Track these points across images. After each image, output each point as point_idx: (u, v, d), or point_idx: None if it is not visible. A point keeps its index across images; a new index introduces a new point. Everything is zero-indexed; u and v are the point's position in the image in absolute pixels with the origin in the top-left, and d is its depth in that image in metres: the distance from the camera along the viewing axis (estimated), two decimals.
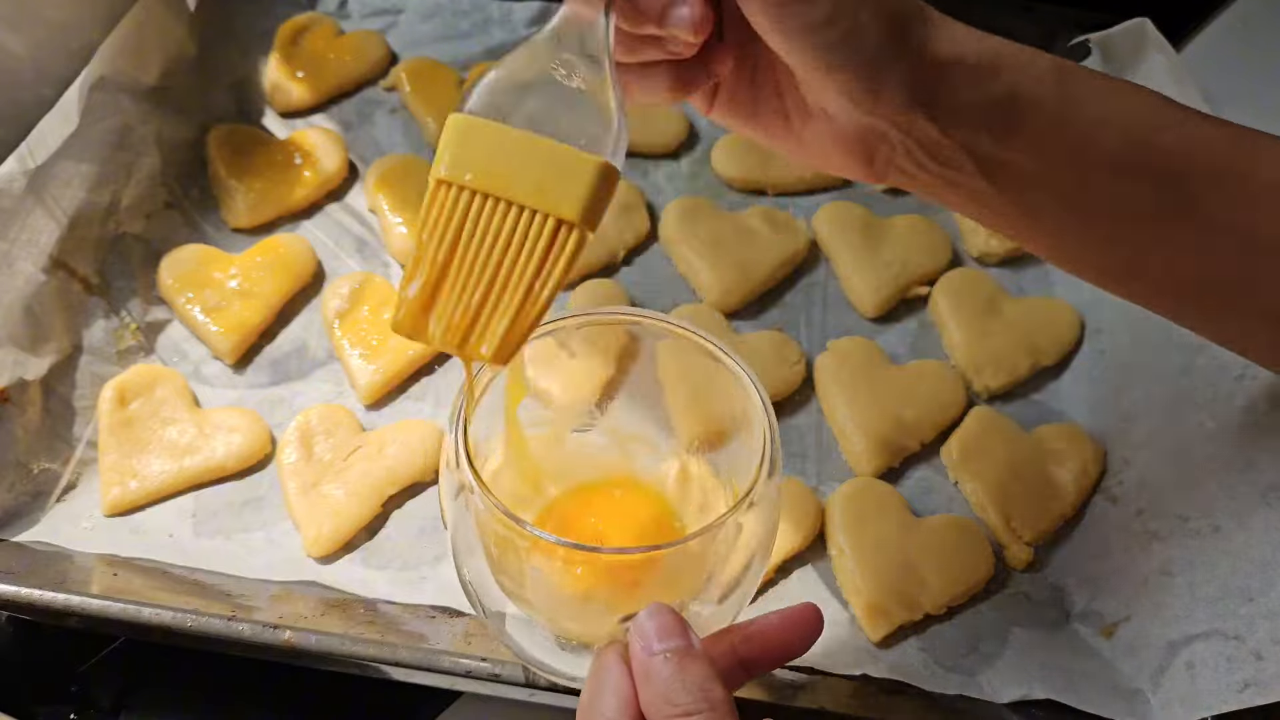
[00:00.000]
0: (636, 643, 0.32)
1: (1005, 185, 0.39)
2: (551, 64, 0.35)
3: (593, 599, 0.38)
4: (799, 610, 0.36)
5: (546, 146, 0.33)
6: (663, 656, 0.31)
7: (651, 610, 0.32)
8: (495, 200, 0.33)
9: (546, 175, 0.33)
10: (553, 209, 0.33)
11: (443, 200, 0.34)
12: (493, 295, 0.34)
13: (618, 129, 0.34)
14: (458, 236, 0.34)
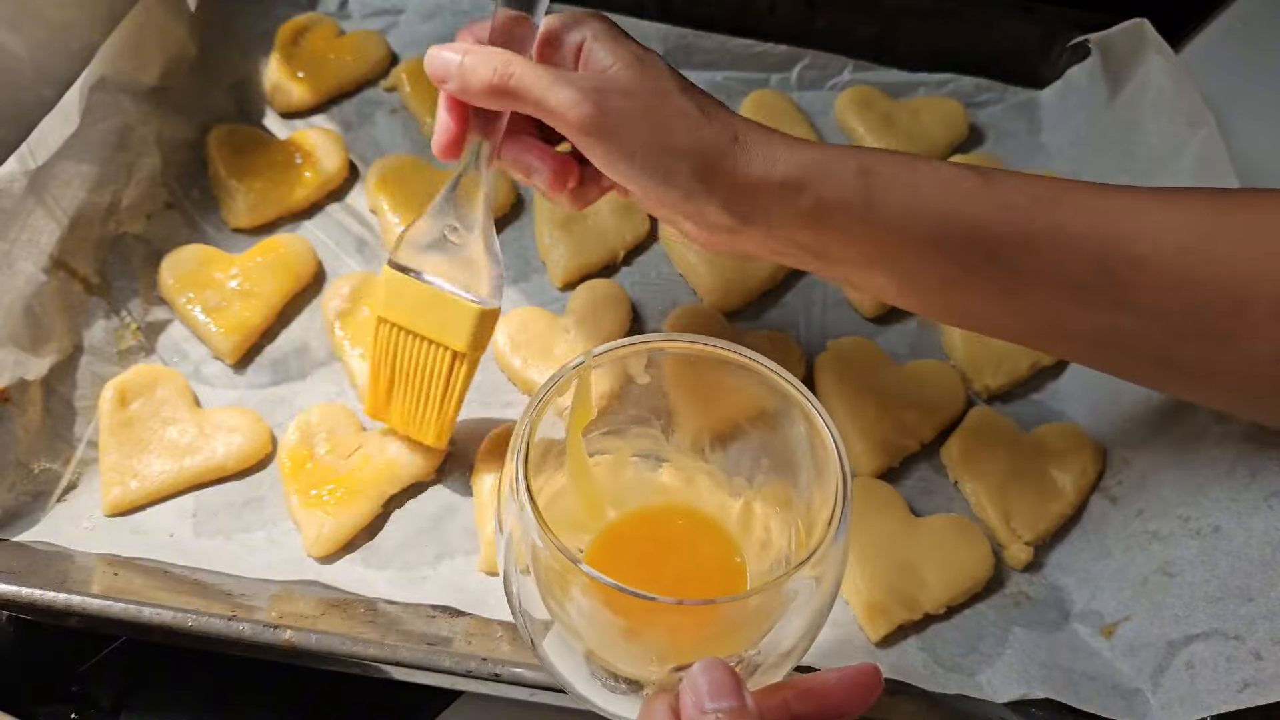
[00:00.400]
0: (689, 699, 0.31)
1: (838, 270, 0.46)
2: (444, 228, 0.48)
3: (644, 641, 0.37)
4: (859, 671, 0.35)
5: (441, 297, 0.48)
6: (715, 716, 0.30)
7: (705, 665, 0.31)
8: (414, 335, 0.49)
9: (444, 320, 0.48)
10: (448, 344, 0.48)
11: (384, 332, 0.50)
12: (422, 399, 0.51)
13: (491, 277, 0.48)
14: (395, 358, 0.50)
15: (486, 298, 0.48)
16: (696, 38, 0.75)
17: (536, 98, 0.41)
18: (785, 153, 0.42)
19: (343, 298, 0.60)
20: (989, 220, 0.42)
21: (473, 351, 0.48)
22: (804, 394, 0.38)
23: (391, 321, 0.49)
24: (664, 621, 0.36)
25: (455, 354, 0.48)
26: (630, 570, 0.38)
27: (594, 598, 0.35)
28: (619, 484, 0.45)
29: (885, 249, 0.43)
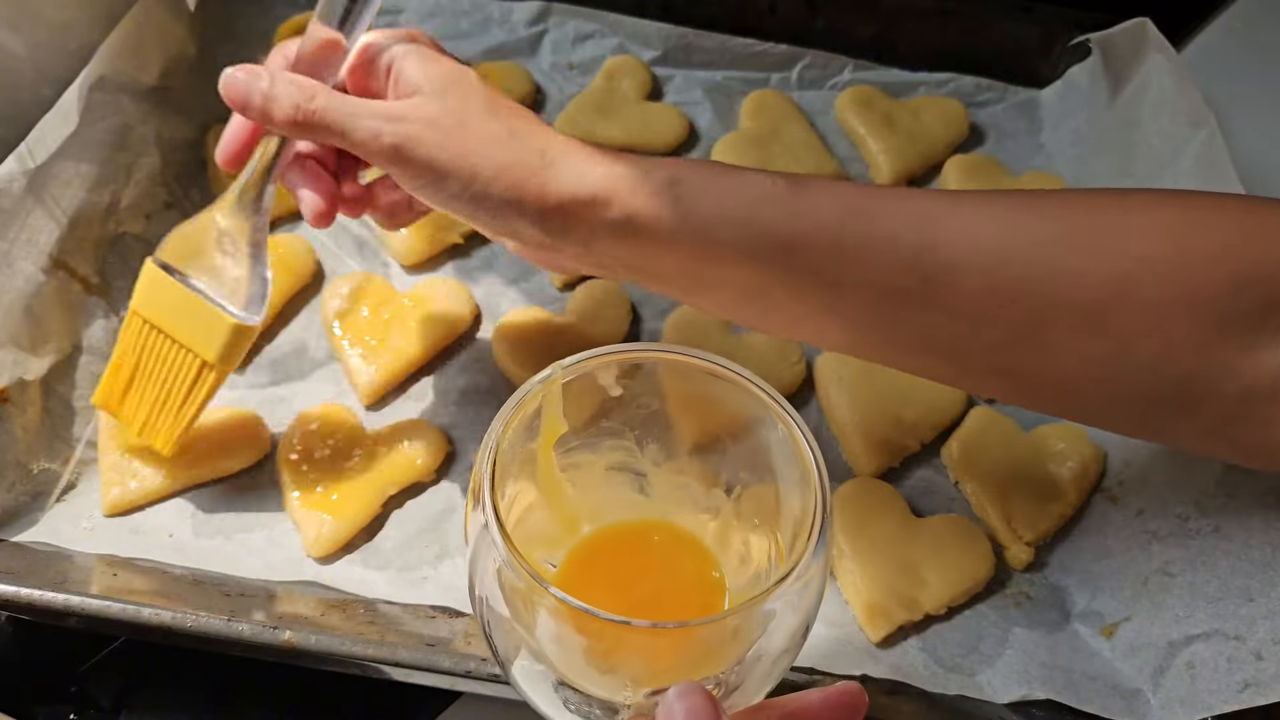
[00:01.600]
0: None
1: (666, 287, 0.45)
2: (216, 233, 0.48)
3: (617, 665, 0.35)
4: (842, 690, 0.33)
5: (201, 306, 0.47)
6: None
7: (682, 691, 0.30)
8: (165, 335, 0.48)
9: (198, 327, 0.47)
10: (199, 352, 0.48)
11: (136, 326, 0.49)
12: (159, 402, 0.50)
13: (253, 292, 0.48)
14: (141, 354, 0.49)
15: (245, 313, 0.47)
16: (696, 38, 0.75)
17: (339, 131, 0.42)
18: (594, 167, 0.42)
19: (342, 298, 0.60)
20: (796, 227, 0.41)
21: (222, 364, 0.48)
22: (781, 405, 0.38)
23: (144, 318, 0.49)
24: (638, 644, 0.34)
25: (204, 364, 0.48)
26: (603, 589, 0.38)
27: (563, 621, 0.34)
28: (594, 498, 0.43)
29: (699, 262, 0.42)
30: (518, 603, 0.35)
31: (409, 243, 0.63)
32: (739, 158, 0.70)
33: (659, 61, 0.75)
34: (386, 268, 0.64)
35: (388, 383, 0.58)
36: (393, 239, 0.63)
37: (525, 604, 0.35)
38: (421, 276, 0.63)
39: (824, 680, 0.49)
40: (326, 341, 0.60)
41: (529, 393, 0.36)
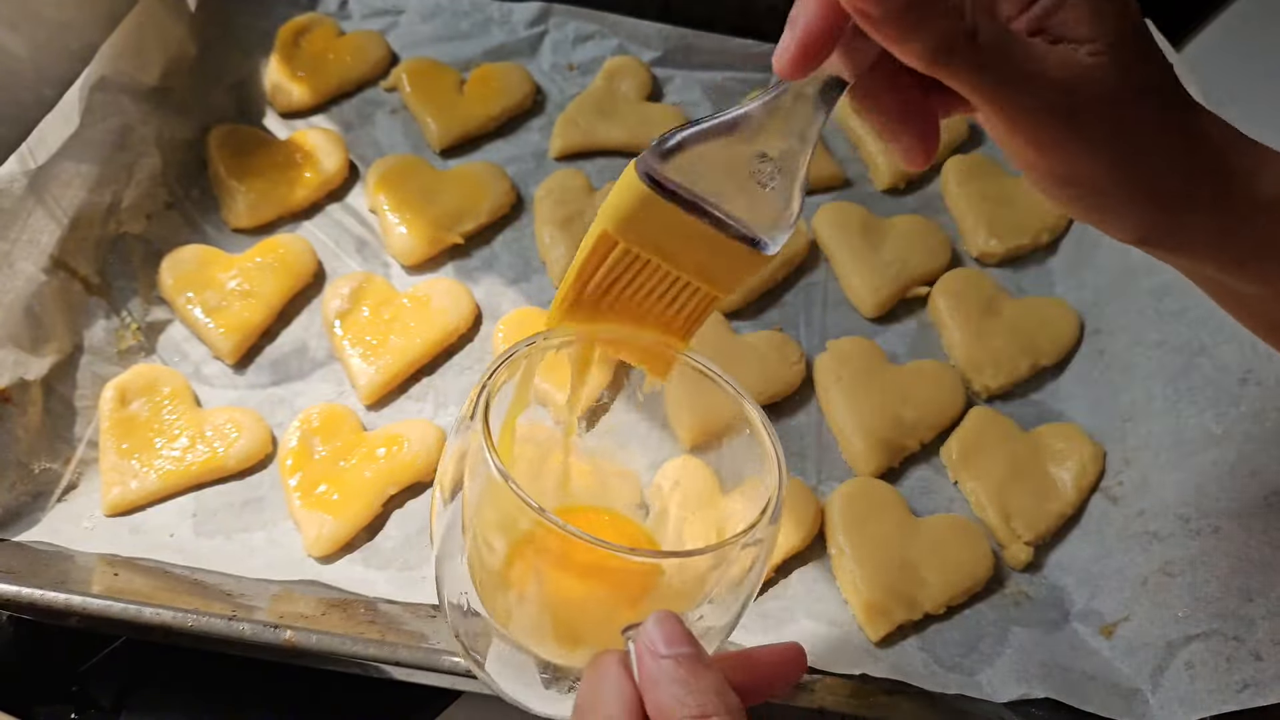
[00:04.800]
0: (644, 646, 0.31)
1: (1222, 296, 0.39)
2: (750, 156, 0.36)
3: (587, 609, 0.37)
4: (786, 648, 0.35)
5: (718, 240, 0.36)
6: (673, 660, 0.30)
7: (659, 617, 0.31)
8: (652, 263, 0.37)
9: (712, 261, 0.36)
10: (710, 287, 0.38)
11: (604, 251, 0.37)
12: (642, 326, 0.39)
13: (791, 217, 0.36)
14: (617, 284, 0.38)
15: (770, 243, 0.37)
16: (696, 38, 0.75)
17: (993, 86, 0.30)
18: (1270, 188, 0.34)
19: (343, 298, 0.60)
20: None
21: (729, 294, 0.39)
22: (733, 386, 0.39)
23: (628, 247, 0.37)
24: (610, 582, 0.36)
25: (708, 297, 0.38)
26: None
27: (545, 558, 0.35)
28: (539, 483, 0.45)
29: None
30: (491, 585, 0.37)
31: (409, 243, 0.63)
32: None
33: (659, 62, 0.75)
34: (387, 268, 0.64)
35: (388, 383, 0.58)
36: (393, 240, 0.63)
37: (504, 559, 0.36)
38: (421, 276, 0.64)
39: (824, 680, 0.49)
40: (327, 341, 0.60)
41: (514, 354, 0.37)
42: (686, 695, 0.29)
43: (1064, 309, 0.64)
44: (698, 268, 0.37)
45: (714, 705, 0.29)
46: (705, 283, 0.37)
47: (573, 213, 0.65)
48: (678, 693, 0.29)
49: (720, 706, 0.29)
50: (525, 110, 0.72)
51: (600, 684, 0.31)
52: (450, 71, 0.72)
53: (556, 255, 0.64)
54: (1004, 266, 0.68)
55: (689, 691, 0.29)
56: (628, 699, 0.30)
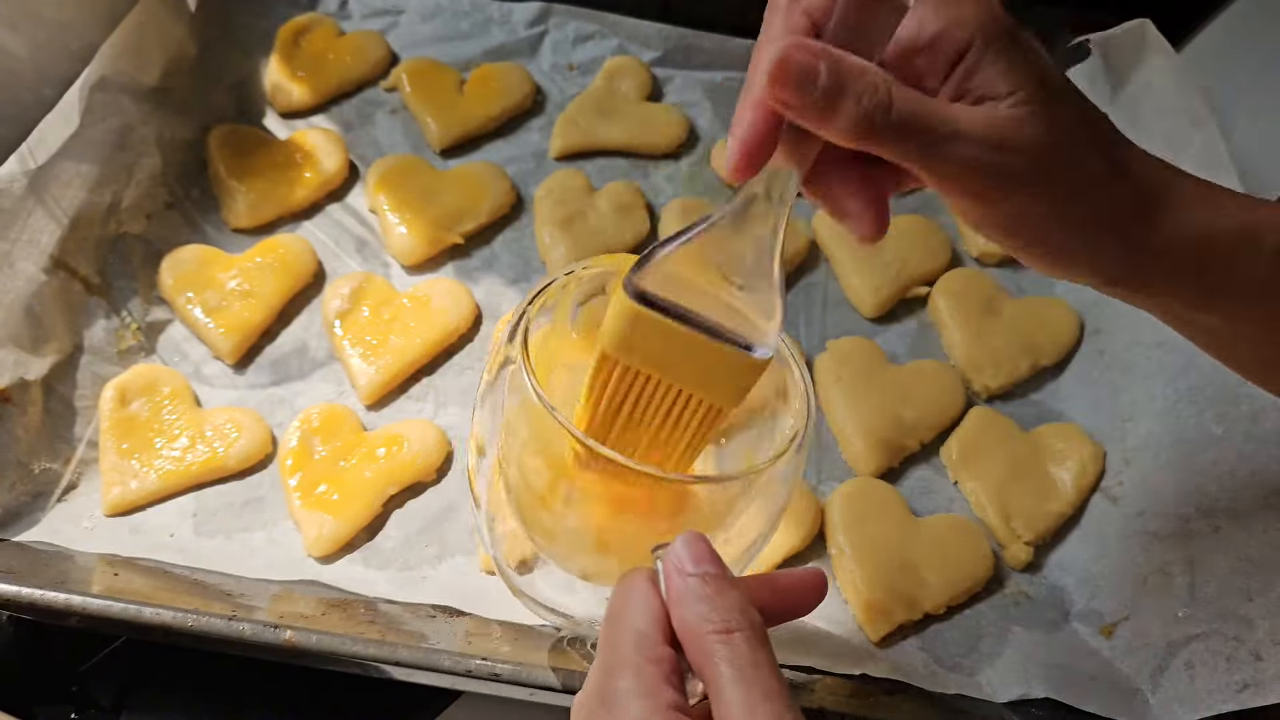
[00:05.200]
0: (672, 564, 0.32)
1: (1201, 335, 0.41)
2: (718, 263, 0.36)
3: (623, 529, 0.38)
4: (809, 572, 0.36)
5: (712, 348, 0.36)
6: (700, 578, 0.31)
7: (687, 537, 0.32)
8: (657, 381, 0.37)
9: (707, 370, 0.37)
10: (710, 399, 0.38)
11: (608, 371, 0.37)
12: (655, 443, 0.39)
13: (776, 325, 0.37)
14: (624, 398, 0.38)
15: (762, 346, 0.37)
16: (696, 38, 0.75)
17: (920, 152, 0.32)
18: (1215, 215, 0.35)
19: (343, 298, 0.60)
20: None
21: (736, 405, 0.39)
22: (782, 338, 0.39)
23: (628, 366, 0.37)
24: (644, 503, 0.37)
25: (712, 410, 0.38)
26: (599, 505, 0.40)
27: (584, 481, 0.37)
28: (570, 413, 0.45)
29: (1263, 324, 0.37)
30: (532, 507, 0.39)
31: (409, 243, 0.63)
32: None
33: (659, 62, 0.75)
34: (387, 268, 0.64)
35: (388, 383, 0.58)
36: (393, 240, 0.63)
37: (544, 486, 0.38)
38: (421, 276, 0.64)
39: (824, 680, 0.49)
40: (327, 341, 0.60)
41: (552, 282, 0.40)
42: (711, 611, 0.30)
43: (1064, 309, 0.64)
44: (697, 379, 0.37)
45: (737, 621, 0.30)
46: (707, 394, 0.38)
47: (573, 213, 0.65)
48: (702, 609, 0.30)
49: (743, 622, 0.30)
50: (525, 110, 0.72)
51: (629, 597, 0.32)
52: (450, 71, 0.72)
53: (556, 255, 0.64)
54: (1004, 266, 0.68)
55: (713, 608, 0.30)
56: (655, 612, 0.31)
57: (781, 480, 0.39)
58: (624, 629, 0.31)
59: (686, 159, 0.71)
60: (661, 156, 0.71)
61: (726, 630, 0.29)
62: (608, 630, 0.32)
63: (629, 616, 0.31)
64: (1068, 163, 0.33)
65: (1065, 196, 0.33)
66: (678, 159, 0.71)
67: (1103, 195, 0.34)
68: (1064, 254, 0.35)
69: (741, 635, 0.29)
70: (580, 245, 0.64)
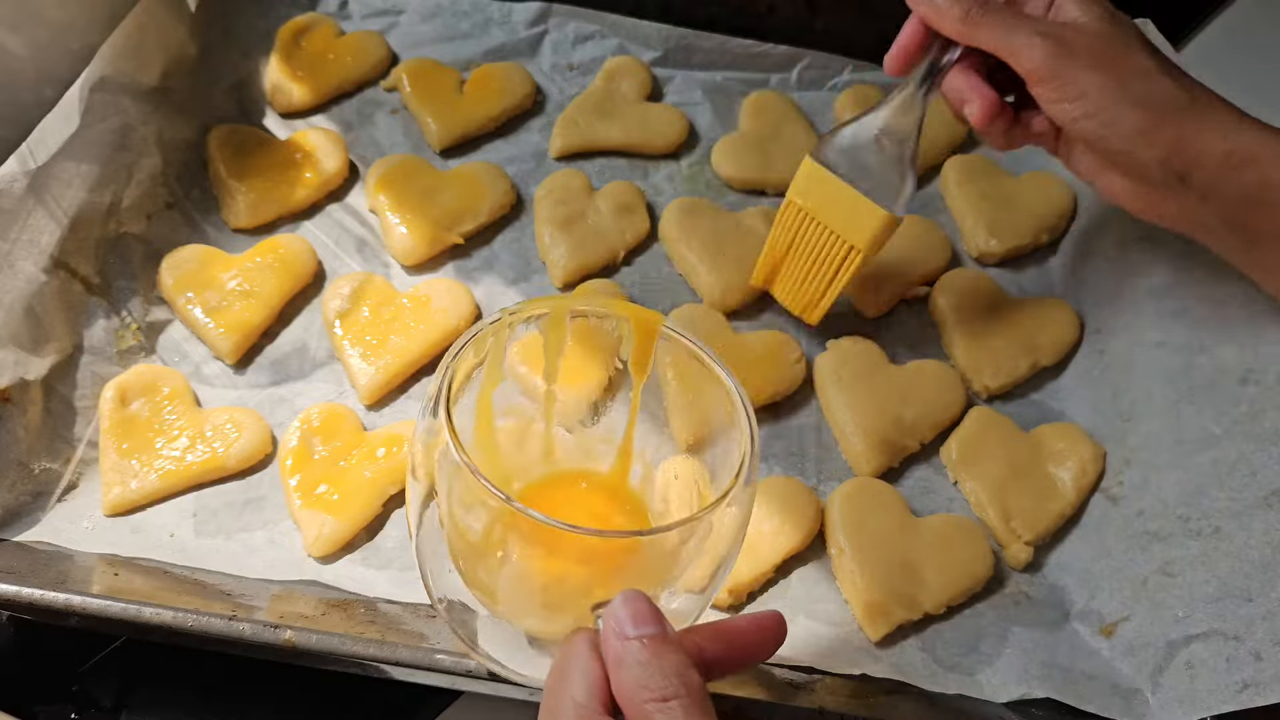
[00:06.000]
0: (610, 627, 0.32)
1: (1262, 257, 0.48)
2: (874, 135, 0.53)
3: (563, 587, 0.38)
4: (766, 616, 0.36)
5: (855, 197, 0.53)
6: (639, 642, 0.31)
7: (626, 596, 0.32)
8: (818, 222, 0.56)
9: (851, 216, 0.54)
10: (849, 239, 0.55)
11: (791, 213, 0.56)
12: (809, 279, 0.58)
13: (907, 190, 0.53)
14: (794, 237, 0.57)
15: (895, 207, 0.53)
16: (696, 38, 0.75)
17: (999, 36, 0.46)
18: (1238, 125, 0.44)
19: (343, 298, 0.60)
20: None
21: (870, 250, 0.54)
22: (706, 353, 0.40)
23: (800, 206, 0.55)
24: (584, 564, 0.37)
25: (852, 249, 0.55)
26: None
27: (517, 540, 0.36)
28: (523, 454, 0.46)
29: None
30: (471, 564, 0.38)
31: (409, 243, 0.63)
32: (739, 158, 0.70)
33: (659, 62, 0.75)
34: (387, 268, 0.64)
35: (388, 383, 0.58)
36: (393, 239, 0.63)
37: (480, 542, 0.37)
38: (422, 276, 0.64)
39: (824, 680, 0.49)
40: (327, 341, 0.60)
41: (479, 332, 0.39)
42: (648, 678, 0.30)
43: (1064, 309, 0.64)
44: (846, 223, 0.54)
45: (674, 688, 0.30)
46: (849, 235, 0.54)
47: (573, 213, 0.65)
48: (640, 675, 0.30)
49: (680, 689, 0.30)
50: (525, 110, 0.72)
51: (569, 665, 0.32)
52: (450, 71, 0.72)
53: (557, 255, 0.64)
54: (1004, 266, 0.68)
55: (650, 674, 0.30)
56: (593, 681, 0.31)
57: (729, 521, 0.38)
58: (564, 699, 0.31)
59: (686, 159, 0.72)
60: (661, 156, 0.71)
61: (663, 699, 0.30)
62: (548, 699, 0.32)
63: (570, 684, 0.31)
64: (1116, 54, 0.45)
65: (1121, 75, 0.45)
66: (678, 159, 0.71)
67: (1153, 84, 0.45)
68: (1119, 128, 0.45)
69: (679, 703, 0.30)
70: (580, 245, 0.64)
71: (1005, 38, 0.46)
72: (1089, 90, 0.45)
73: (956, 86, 0.51)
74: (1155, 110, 0.45)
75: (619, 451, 0.47)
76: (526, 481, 0.45)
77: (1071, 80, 0.45)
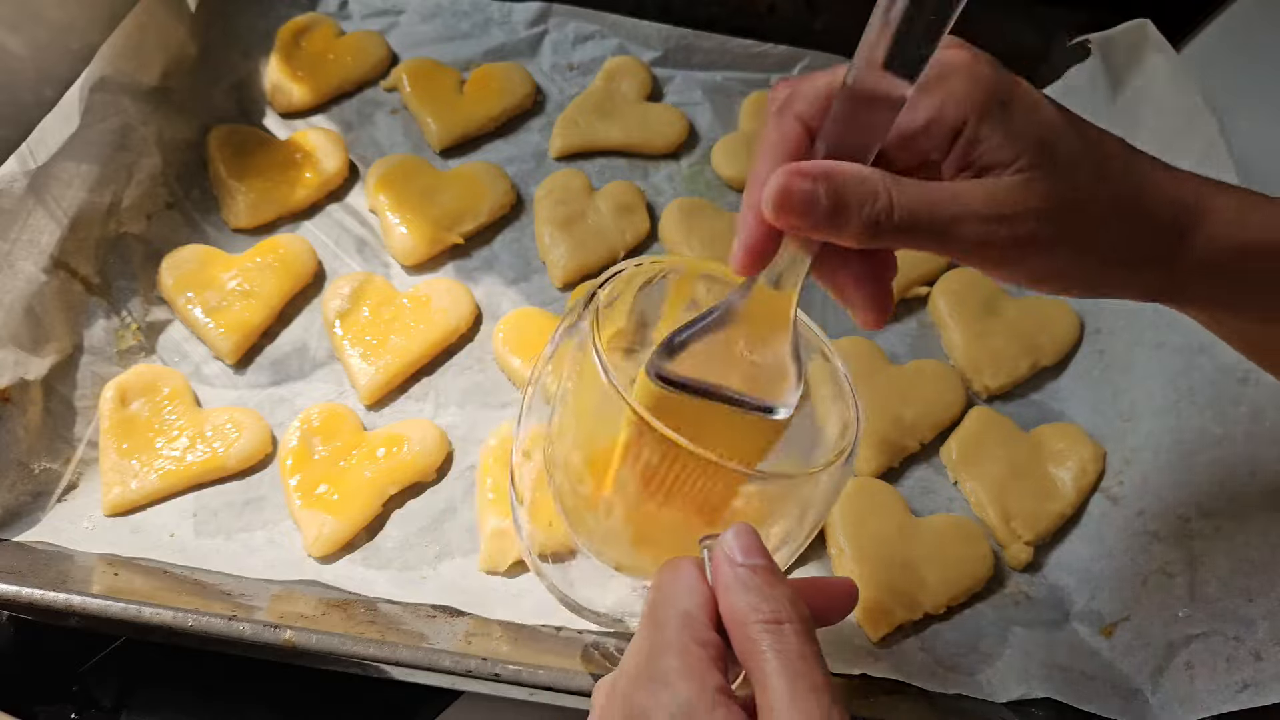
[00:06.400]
0: (721, 554, 0.32)
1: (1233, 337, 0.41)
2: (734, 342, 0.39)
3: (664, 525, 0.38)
4: (844, 581, 0.37)
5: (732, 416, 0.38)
6: (750, 569, 0.31)
7: (738, 529, 0.32)
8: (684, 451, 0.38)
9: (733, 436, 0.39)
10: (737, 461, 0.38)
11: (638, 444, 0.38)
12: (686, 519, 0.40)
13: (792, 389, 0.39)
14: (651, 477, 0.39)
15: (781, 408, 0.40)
16: (696, 38, 0.75)
17: (930, 239, 0.33)
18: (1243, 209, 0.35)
19: (343, 298, 0.60)
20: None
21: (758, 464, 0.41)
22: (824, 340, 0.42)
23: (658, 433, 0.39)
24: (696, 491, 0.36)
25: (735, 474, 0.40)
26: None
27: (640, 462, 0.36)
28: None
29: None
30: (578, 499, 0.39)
31: (409, 243, 0.63)
32: (739, 158, 0.70)
33: (659, 62, 0.75)
34: (387, 268, 0.64)
35: (388, 383, 0.58)
36: (393, 239, 0.63)
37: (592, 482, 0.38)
38: (422, 276, 0.64)
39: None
40: (327, 341, 0.60)
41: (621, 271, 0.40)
42: (761, 601, 0.30)
43: (1064, 309, 0.64)
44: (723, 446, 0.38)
45: (787, 613, 0.30)
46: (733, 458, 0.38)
47: (573, 213, 0.65)
48: (752, 599, 0.30)
49: (793, 614, 0.30)
50: (525, 110, 0.72)
51: (676, 581, 0.32)
52: (450, 71, 0.72)
53: (557, 255, 0.64)
54: None
55: (763, 598, 0.30)
56: (702, 596, 0.31)
57: (828, 486, 0.39)
58: (670, 610, 0.31)
59: (686, 159, 0.72)
60: (661, 156, 0.71)
61: (776, 620, 0.29)
62: (652, 611, 0.31)
63: (676, 598, 0.31)
64: (1082, 213, 0.33)
65: (1084, 245, 0.33)
66: (678, 159, 0.71)
67: (1126, 230, 0.34)
68: (1099, 288, 0.35)
69: (791, 627, 0.29)
70: (580, 245, 0.64)
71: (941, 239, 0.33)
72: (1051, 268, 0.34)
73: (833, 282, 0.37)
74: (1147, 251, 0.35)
75: None
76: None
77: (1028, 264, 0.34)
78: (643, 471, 0.37)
